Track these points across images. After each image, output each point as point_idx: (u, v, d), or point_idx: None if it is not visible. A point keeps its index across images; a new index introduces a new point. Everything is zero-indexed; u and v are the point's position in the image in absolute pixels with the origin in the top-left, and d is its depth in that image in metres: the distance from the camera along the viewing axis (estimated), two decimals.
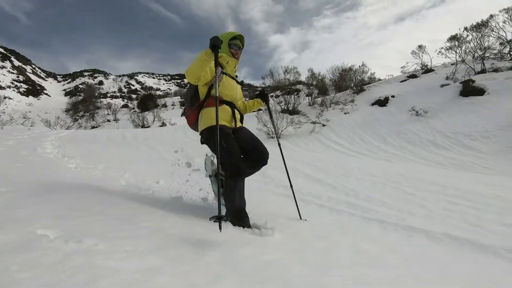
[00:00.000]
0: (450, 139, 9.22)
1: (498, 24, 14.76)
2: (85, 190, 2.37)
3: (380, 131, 11.03)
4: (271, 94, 21.36)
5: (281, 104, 15.35)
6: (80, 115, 32.17)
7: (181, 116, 2.62)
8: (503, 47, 15.08)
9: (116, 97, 66.94)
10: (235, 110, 2.34)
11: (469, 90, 11.57)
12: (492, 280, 1.77)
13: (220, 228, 1.44)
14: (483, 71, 13.47)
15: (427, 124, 10.54)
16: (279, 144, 2.96)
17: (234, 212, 2.03)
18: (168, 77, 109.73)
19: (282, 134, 11.70)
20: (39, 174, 3.51)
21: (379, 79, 20.31)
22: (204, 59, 1.99)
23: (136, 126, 21.50)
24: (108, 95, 69.12)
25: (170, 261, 1.15)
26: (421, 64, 18.02)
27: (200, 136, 2.29)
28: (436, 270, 1.84)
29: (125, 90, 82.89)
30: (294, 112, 14.37)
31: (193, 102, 2.34)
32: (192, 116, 2.39)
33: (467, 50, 15.29)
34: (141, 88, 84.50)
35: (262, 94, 2.67)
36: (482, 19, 15.20)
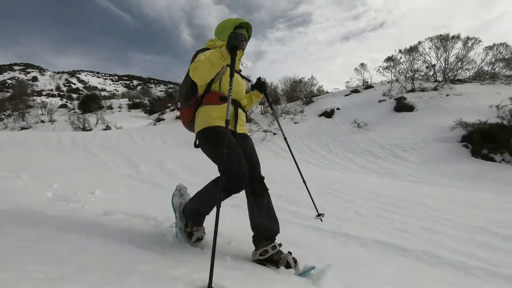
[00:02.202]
0: (386, 150, 10.16)
1: (425, 50, 16.94)
2: None
3: (326, 141, 11.70)
4: None
5: None
6: (7, 114, 28.25)
7: (177, 111, 2.24)
8: (428, 70, 17.33)
9: (54, 95, 60.51)
10: (239, 110, 1.99)
11: (402, 106, 12.96)
12: (409, 282, 1.96)
13: None
14: (413, 90, 15.24)
15: (367, 135, 11.49)
16: (285, 139, 2.69)
17: (195, 212, 1.86)
18: (116, 77, 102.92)
19: None
20: None
21: (327, 92, 21.65)
22: (218, 62, 1.65)
23: (76, 128, 19.60)
24: (44, 93, 62.18)
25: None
26: (363, 80, 19.73)
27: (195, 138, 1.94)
28: (364, 275, 1.98)
29: (64, 88, 75.40)
30: (246, 120, 14.53)
31: (189, 98, 1.97)
32: (187, 113, 2.00)
33: (400, 71, 17.22)
34: (84, 87, 77.75)
35: (259, 84, 2.29)
36: (413, 44, 17.29)
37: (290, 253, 1.81)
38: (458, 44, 16.33)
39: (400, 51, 17.33)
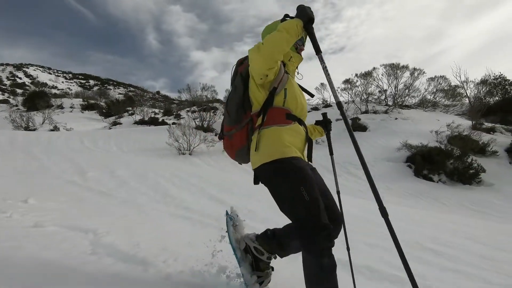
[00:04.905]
0: (340, 167, 10.69)
1: (378, 75, 18.46)
2: None
3: None
4: (187, 109, 20.98)
5: (196, 120, 15.16)
6: None
7: (219, 139, 1.72)
8: (380, 94, 18.85)
9: None
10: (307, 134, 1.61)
11: (356, 126, 13.85)
12: None
13: None
14: (366, 111, 16.41)
15: (324, 152, 11.94)
16: (338, 192, 2.07)
17: None
18: (70, 75, 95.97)
19: (194, 151, 11.46)
20: None
21: None
22: (295, 33, 1.29)
23: (17, 127, 17.66)
24: None
25: None
26: (323, 99, 20.83)
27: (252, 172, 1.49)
28: None
29: (7, 82, 68.29)
30: (208, 129, 14.36)
31: (240, 117, 1.50)
32: (238, 139, 1.53)
33: (356, 93, 18.51)
34: (31, 83, 71.16)
35: (326, 121, 1.94)
36: (368, 70, 18.76)
37: (272, 269, 1.71)
38: (406, 73, 18.10)
39: (356, 75, 18.72)
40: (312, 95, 1.82)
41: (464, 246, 3.71)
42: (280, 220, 4.13)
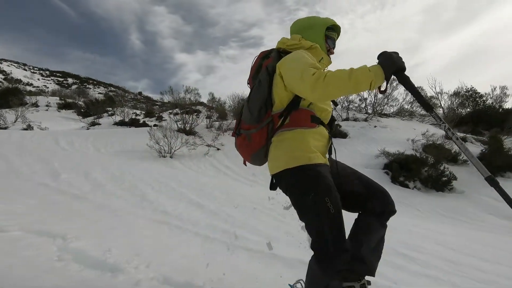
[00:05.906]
0: None
1: None
2: None
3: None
4: (170, 111, 20.67)
5: (178, 123, 14.95)
6: None
7: (233, 135, 1.60)
8: (361, 102, 19.41)
9: None
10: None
11: (337, 133, 14.13)
12: None
13: None
14: (347, 118, 16.83)
15: None
16: None
17: None
18: (47, 72, 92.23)
19: (175, 154, 11.27)
20: None
21: None
22: (365, 86, 1.17)
23: None
24: None
25: None
26: None
27: (270, 176, 1.45)
28: None
29: None
30: (190, 132, 14.19)
31: (262, 114, 1.41)
32: (257, 140, 1.44)
33: (338, 100, 18.97)
34: (4, 79, 67.79)
35: (330, 120, 1.79)
36: None
37: (369, 283, 1.44)
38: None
39: None
40: (336, 104, 1.75)
41: (435, 251, 3.85)
42: (260, 226, 4.10)
